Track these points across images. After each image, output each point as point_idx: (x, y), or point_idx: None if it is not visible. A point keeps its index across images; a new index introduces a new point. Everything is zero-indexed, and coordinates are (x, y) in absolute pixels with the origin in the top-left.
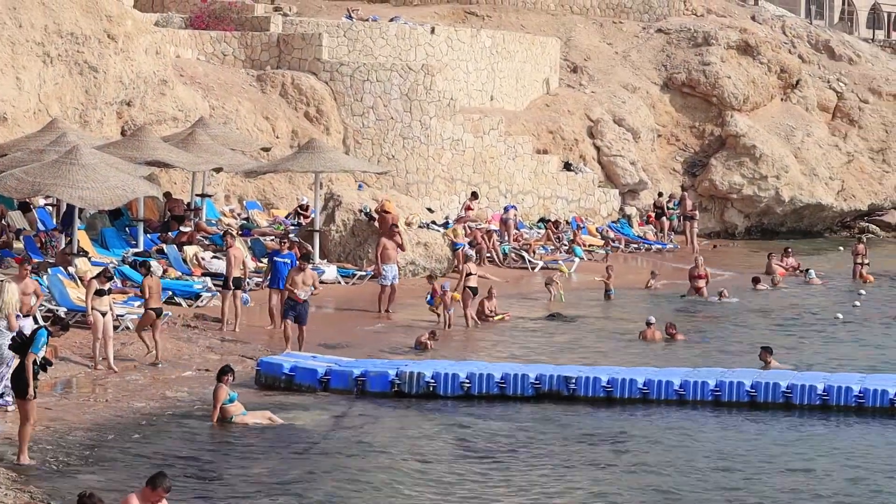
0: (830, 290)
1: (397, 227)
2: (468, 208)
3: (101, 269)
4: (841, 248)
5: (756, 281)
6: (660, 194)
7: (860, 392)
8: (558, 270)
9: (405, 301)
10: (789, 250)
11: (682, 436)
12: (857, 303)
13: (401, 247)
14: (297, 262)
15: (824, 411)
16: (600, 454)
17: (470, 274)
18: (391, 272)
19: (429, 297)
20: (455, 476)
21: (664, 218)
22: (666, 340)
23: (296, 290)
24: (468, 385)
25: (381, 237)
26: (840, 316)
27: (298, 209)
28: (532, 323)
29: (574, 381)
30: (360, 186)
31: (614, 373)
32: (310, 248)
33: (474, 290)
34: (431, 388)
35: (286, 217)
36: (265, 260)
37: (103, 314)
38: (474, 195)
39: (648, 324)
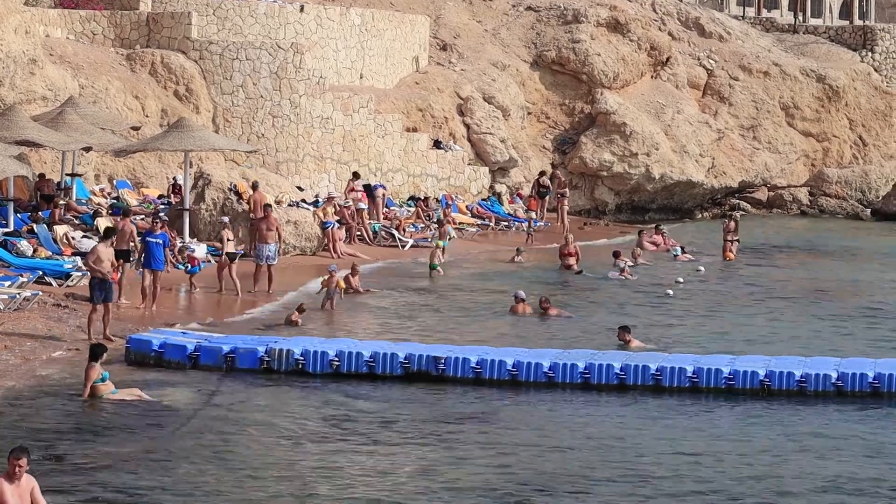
0: (694, 265)
1: (270, 206)
2: (351, 189)
3: None
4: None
5: (616, 255)
6: (541, 173)
7: (730, 374)
8: (434, 246)
9: (282, 280)
10: (661, 227)
11: (548, 419)
12: (701, 268)
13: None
14: (101, 239)
15: (694, 393)
16: (467, 434)
17: (229, 240)
18: (264, 252)
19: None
20: (324, 454)
21: (548, 197)
22: (540, 315)
23: (99, 267)
24: (337, 363)
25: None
26: (670, 292)
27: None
28: (403, 298)
29: (443, 361)
30: (249, 166)
31: (484, 353)
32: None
33: (232, 256)
34: (301, 366)
35: (159, 197)
36: (137, 239)
37: None
38: (356, 175)
39: (518, 299)
